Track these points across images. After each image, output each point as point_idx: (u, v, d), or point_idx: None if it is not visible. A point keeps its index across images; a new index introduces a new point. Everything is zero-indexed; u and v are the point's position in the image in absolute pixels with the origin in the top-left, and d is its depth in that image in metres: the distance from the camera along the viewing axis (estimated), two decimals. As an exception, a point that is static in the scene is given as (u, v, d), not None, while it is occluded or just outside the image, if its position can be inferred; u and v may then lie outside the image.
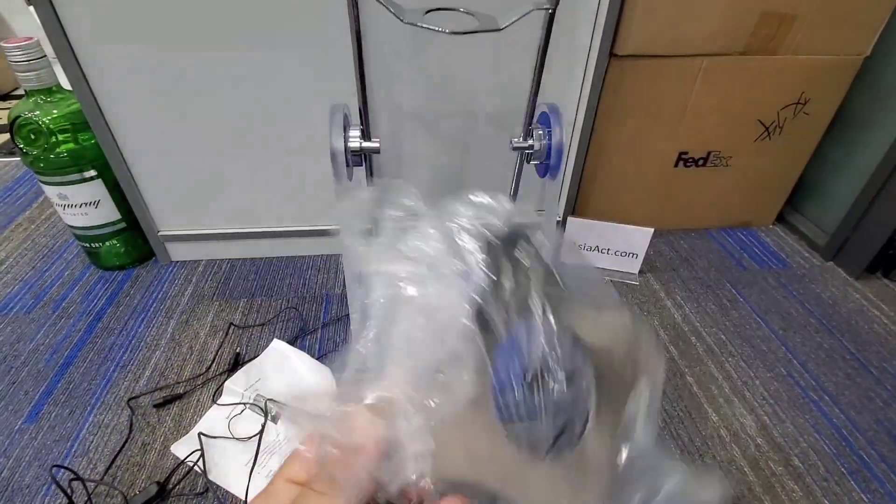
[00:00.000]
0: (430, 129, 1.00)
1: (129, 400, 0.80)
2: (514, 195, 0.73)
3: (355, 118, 0.64)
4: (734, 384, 0.87)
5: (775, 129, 1.11)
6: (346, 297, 1.00)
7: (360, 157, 0.62)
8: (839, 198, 1.18)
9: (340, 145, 0.57)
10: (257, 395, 0.78)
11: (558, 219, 1.15)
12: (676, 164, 1.15)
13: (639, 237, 1.07)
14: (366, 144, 0.61)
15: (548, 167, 0.64)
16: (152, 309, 0.98)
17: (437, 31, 0.54)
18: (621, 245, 1.09)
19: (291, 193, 1.04)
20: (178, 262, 1.11)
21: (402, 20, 0.53)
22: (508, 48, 0.91)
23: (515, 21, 0.56)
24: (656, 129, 1.08)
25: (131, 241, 1.08)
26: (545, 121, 0.64)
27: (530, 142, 0.65)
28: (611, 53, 0.95)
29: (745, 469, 0.74)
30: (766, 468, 0.75)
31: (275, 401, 0.77)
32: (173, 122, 0.92)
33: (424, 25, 0.54)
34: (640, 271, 1.11)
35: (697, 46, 0.97)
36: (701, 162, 1.15)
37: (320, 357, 0.88)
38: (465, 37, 0.85)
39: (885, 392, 0.86)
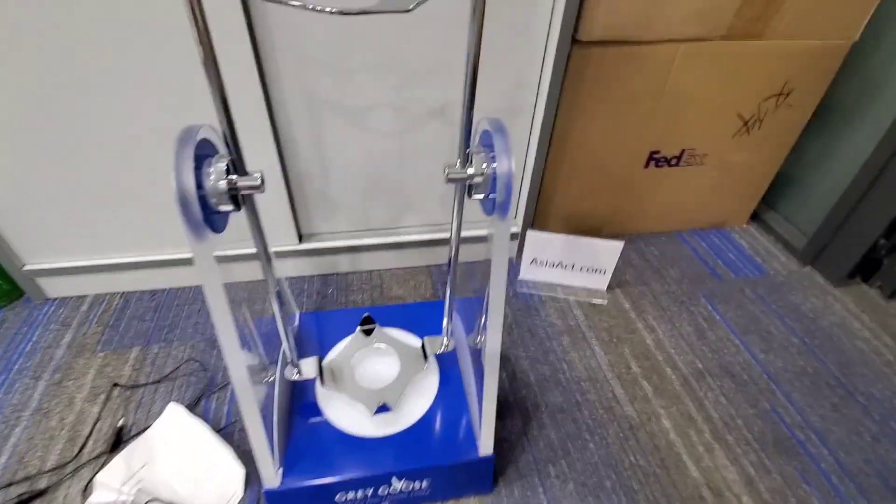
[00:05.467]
0: (360, 131, 0.82)
1: (-26, 500, 0.63)
2: (457, 235, 0.57)
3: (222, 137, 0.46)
4: (715, 426, 0.77)
5: (755, 124, 0.99)
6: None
7: (235, 199, 0.45)
8: (818, 195, 1.08)
9: (191, 185, 0.39)
10: (139, 490, 0.62)
11: (515, 230, 1.01)
12: (647, 165, 1.01)
13: (607, 252, 0.94)
14: (240, 182, 0.44)
15: (493, 202, 0.48)
16: (17, 367, 0.79)
17: (317, 10, 0.36)
18: (587, 261, 0.96)
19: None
20: (56, 299, 0.90)
21: None
22: (448, 28, 0.74)
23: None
24: (626, 127, 0.94)
25: (-6, 276, 0.87)
26: (488, 141, 0.49)
27: (469, 170, 0.49)
28: (573, 39, 0.79)
29: (732, 540, 0.64)
30: (754, 537, 0.65)
31: (159, 500, 0.60)
32: (28, 130, 0.71)
33: (294, 3, 0.36)
34: (608, 286, 0.99)
35: (674, 30, 0.82)
36: (674, 161, 1.02)
37: (227, 426, 0.72)
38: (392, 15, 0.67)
39: (873, 424, 0.78)
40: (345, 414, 0.65)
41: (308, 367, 0.65)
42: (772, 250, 1.13)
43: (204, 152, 0.43)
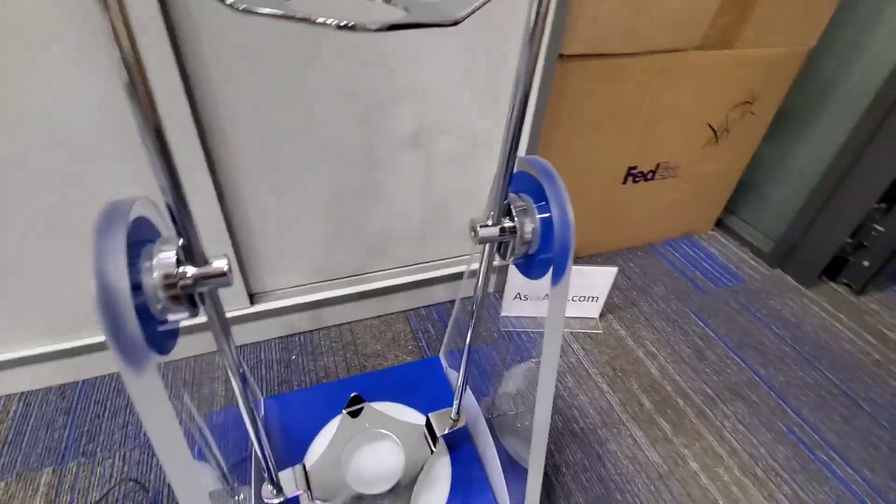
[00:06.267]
0: (318, 165, 0.69)
1: None
2: (480, 305, 0.46)
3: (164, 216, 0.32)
4: (741, 460, 0.72)
5: (723, 133, 0.98)
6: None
7: (191, 300, 0.31)
8: (778, 199, 1.10)
9: (124, 290, 0.26)
10: None
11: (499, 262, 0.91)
12: (625, 181, 0.97)
13: (600, 278, 0.87)
14: (198, 270, 0.30)
15: (540, 263, 0.38)
16: None
17: (318, 23, 0.23)
18: (578, 289, 0.89)
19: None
20: (-79, 413, 0.68)
21: (230, 5, 0.22)
22: (417, 42, 0.63)
23: (479, 7, 0.27)
24: (605, 143, 0.88)
25: None
26: (528, 187, 0.39)
27: (508, 223, 0.38)
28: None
29: None
30: (812, 587, 0.59)
31: None
32: None
33: (279, 13, 0.22)
34: (601, 314, 0.93)
35: (653, 42, 0.77)
36: (650, 175, 0.98)
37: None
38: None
39: (885, 434, 0.77)
40: (345, 529, 0.52)
41: (291, 481, 0.51)
42: (741, 255, 1.13)
43: (139, 238, 0.29)
